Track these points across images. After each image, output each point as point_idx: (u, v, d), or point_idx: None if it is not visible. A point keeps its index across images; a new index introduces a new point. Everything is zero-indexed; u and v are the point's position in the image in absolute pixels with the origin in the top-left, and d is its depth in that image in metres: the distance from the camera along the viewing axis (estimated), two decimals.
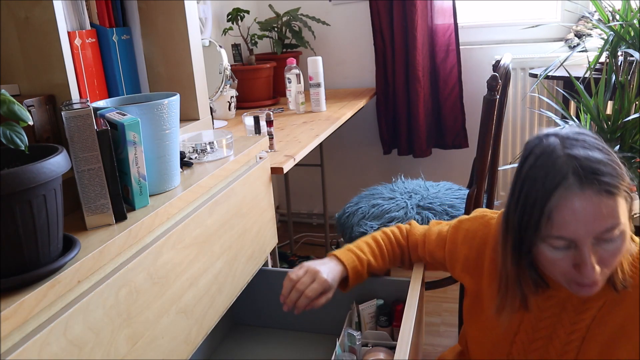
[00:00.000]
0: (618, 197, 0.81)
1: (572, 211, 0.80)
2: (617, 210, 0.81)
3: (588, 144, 0.83)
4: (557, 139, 0.85)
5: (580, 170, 0.80)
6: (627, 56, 1.87)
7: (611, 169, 0.81)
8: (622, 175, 0.82)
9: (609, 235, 0.81)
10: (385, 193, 1.93)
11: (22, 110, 0.69)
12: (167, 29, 1.28)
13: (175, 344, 0.93)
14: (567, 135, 0.85)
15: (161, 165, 0.97)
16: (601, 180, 0.79)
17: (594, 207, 0.79)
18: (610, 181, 0.80)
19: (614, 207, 0.80)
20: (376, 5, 2.57)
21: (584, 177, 0.80)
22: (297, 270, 1.11)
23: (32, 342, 0.63)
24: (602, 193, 0.79)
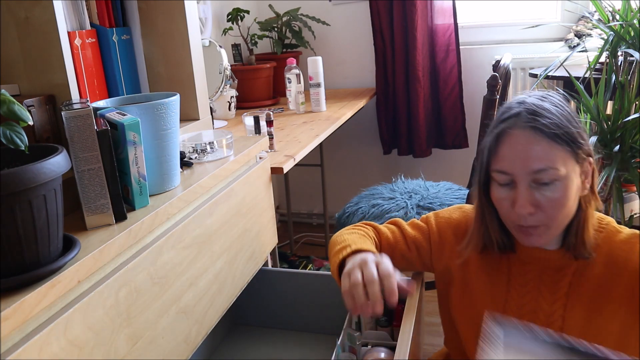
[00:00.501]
0: (558, 145, 0.88)
1: (510, 146, 0.89)
2: (554, 155, 0.88)
3: (544, 98, 0.93)
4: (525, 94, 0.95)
5: (526, 113, 0.90)
6: (627, 56, 1.87)
7: (557, 120, 0.89)
8: (572, 134, 0.89)
9: (543, 177, 0.88)
10: (385, 193, 1.93)
11: (22, 110, 0.69)
12: (167, 29, 1.28)
13: (175, 344, 0.93)
14: (532, 93, 0.95)
15: (161, 165, 0.97)
16: (541, 122, 0.88)
17: (530, 144, 0.88)
18: (550, 126, 0.88)
19: (550, 151, 0.88)
20: (376, 5, 2.57)
21: (527, 118, 0.89)
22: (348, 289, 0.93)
23: (32, 342, 0.63)
24: (539, 134, 0.88)
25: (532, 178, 0.89)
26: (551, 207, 0.90)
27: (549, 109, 0.90)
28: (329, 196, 2.81)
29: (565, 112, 0.92)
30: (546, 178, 0.88)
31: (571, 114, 0.92)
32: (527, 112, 0.90)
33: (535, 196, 0.89)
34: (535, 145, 0.88)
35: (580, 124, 0.92)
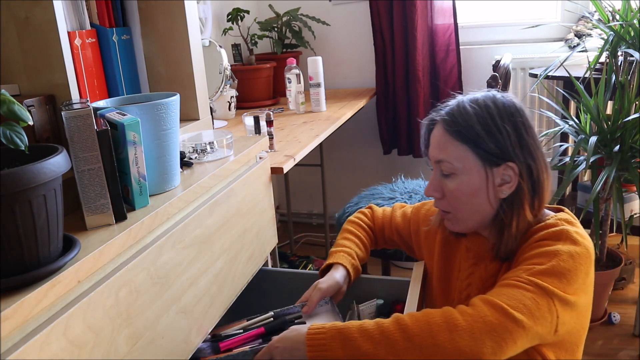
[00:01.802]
0: (458, 142, 0.96)
1: (432, 134, 1.02)
2: (452, 150, 0.97)
3: (477, 98, 0.99)
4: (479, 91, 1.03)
5: (445, 109, 1.01)
6: (627, 56, 1.87)
7: (467, 120, 0.96)
8: (479, 135, 0.95)
9: (442, 168, 0.99)
10: (385, 193, 1.93)
11: (22, 110, 0.69)
12: (167, 29, 1.28)
13: (175, 344, 0.93)
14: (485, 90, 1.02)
15: (161, 165, 0.97)
16: (449, 119, 0.98)
17: (437, 137, 1.00)
18: (455, 123, 0.97)
19: (449, 145, 0.97)
20: (376, 5, 2.57)
21: (442, 114, 1.00)
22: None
23: (32, 342, 0.63)
24: (446, 129, 0.98)
25: (438, 167, 1.00)
26: (451, 197, 1.00)
27: (466, 108, 0.97)
28: (329, 196, 2.80)
29: (484, 114, 0.96)
30: (445, 169, 0.99)
31: (491, 117, 0.96)
32: (448, 108, 1.00)
33: (441, 184, 1.01)
34: (440, 138, 0.99)
35: (502, 129, 0.95)
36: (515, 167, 0.96)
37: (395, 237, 1.30)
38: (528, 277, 0.89)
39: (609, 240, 2.04)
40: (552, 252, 0.91)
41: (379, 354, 0.87)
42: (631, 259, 2.26)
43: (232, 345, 1.17)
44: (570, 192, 2.43)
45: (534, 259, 0.92)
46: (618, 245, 2.33)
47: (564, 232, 0.94)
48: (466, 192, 0.98)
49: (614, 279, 2.05)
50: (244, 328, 1.18)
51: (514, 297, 0.87)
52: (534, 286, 0.88)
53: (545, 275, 0.89)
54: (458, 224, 1.03)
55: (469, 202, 0.99)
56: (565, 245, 0.92)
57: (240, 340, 1.18)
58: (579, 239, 0.93)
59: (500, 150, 0.95)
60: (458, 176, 0.98)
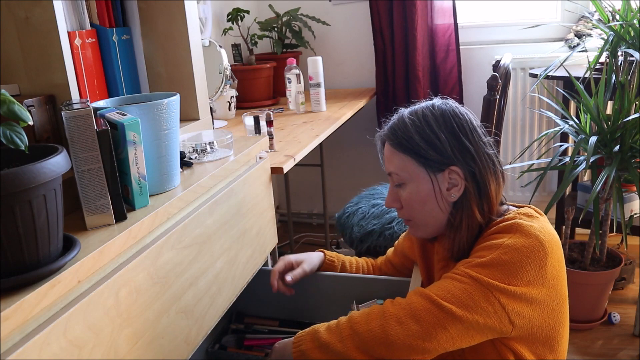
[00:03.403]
0: (401, 154, 1.02)
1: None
2: (396, 162, 1.03)
3: (416, 110, 1.04)
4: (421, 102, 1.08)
5: (390, 123, 1.07)
6: (627, 56, 1.87)
7: (406, 132, 1.02)
8: (418, 146, 1.00)
9: (394, 179, 1.05)
10: (385, 193, 1.93)
11: (22, 110, 0.69)
12: (167, 29, 1.28)
13: (175, 344, 0.93)
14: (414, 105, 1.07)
15: (161, 165, 0.97)
16: (389, 134, 1.05)
17: (384, 150, 1.07)
18: (394, 137, 1.03)
19: (393, 158, 1.04)
20: (376, 5, 2.57)
21: (384, 130, 1.08)
22: None
23: (32, 342, 0.63)
24: (389, 142, 1.05)
25: (391, 179, 1.07)
26: (407, 206, 1.05)
27: (405, 121, 1.03)
28: (329, 196, 2.80)
29: (422, 124, 1.01)
30: (395, 180, 1.05)
31: (428, 126, 1.01)
32: (390, 123, 1.07)
33: (397, 194, 1.06)
34: (387, 152, 1.06)
35: (440, 136, 1.00)
36: (459, 171, 0.99)
37: (390, 271, 1.33)
38: (464, 270, 0.93)
39: (609, 240, 2.04)
40: (495, 245, 0.93)
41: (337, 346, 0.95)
42: (631, 259, 2.26)
43: (254, 343, 1.23)
44: (570, 192, 2.43)
45: (477, 253, 0.96)
46: (618, 245, 2.33)
47: (515, 225, 0.95)
48: (417, 200, 1.03)
49: (614, 279, 2.05)
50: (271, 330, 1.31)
51: (444, 288, 0.92)
52: (468, 277, 0.92)
53: (482, 267, 0.92)
54: (419, 230, 1.08)
55: (422, 208, 1.03)
56: (512, 238, 0.93)
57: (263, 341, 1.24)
58: (531, 232, 0.93)
59: (441, 156, 0.99)
60: (408, 185, 1.03)
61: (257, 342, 1.28)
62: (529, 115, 2.58)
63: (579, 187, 2.28)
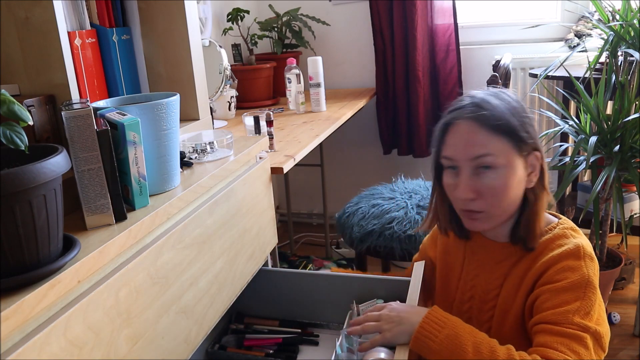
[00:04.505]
0: (497, 135, 0.95)
1: (454, 134, 0.98)
2: (492, 144, 0.95)
3: (493, 94, 0.99)
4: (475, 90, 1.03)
5: (471, 105, 0.98)
6: (627, 56, 1.87)
7: (499, 113, 0.95)
8: (514, 127, 0.95)
9: (482, 162, 0.95)
10: (385, 193, 1.93)
11: (22, 110, 0.69)
12: (167, 29, 1.28)
13: (175, 344, 0.93)
14: (485, 89, 1.02)
15: (161, 165, 0.97)
16: (482, 113, 0.95)
17: (470, 133, 0.96)
18: (490, 117, 0.95)
19: (489, 140, 0.95)
20: (376, 5, 2.57)
21: (470, 110, 0.97)
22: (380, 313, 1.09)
23: (32, 342, 0.63)
24: (479, 124, 0.95)
25: (474, 164, 0.97)
26: (491, 194, 0.97)
27: (493, 102, 0.97)
28: (329, 196, 2.80)
29: (511, 106, 0.98)
30: (486, 163, 0.96)
31: (517, 109, 0.98)
32: (472, 104, 0.98)
33: (476, 183, 0.97)
34: (476, 133, 0.96)
35: (527, 119, 0.98)
36: (540, 155, 0.99)
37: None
38: (580, 322, 0.91)
39: (609, 240, 2.04)
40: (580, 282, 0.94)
41: None
42: (631, 259, 2.26)
43: (254, 344, 1.24)
44: (570, 192, 2.43)
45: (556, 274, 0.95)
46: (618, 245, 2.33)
47: (580, 249, 0.97)
48: (507, 186, 0.96)
49: (614, 279, 2.05)
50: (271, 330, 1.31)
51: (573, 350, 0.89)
52: (586, 332, 0.91)
53: (588, 316, 0.92)
54: (489, 221, 1.00)
55: (508, 195, 0.97)
56: (589, 268, 0.95)
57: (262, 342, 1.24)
58: (593, 258, 0.97)
59: (532, 139, 0.98)
60: (500, 170, 0.96)
61: (257, 342, 1.28)
62: None
63: (579, 187, 2.28)
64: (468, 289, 1.10)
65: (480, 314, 1.07)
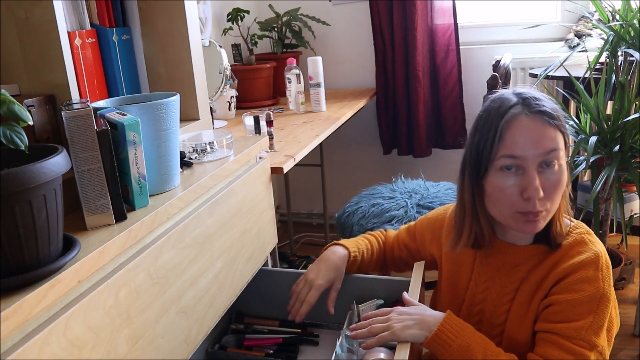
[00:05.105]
0: (557, 129, 0.93)
1: (521, 130, 0.92)
2: (558, 138, 0.93)
3: (535, 92, 0.96)
4: (510, 89, 0.99)
5: (527, 100, 0.93)
6: (627, 56, 1.87)
7: (552, 109, 0.94)
8: (563, 124, 0.95)
9: (551, 158, 0.92)
10: (385, 193, 1.93)
11: (22, 110, 0.69)
12: (167, 29, 1.28)
13: (175, 344, 0.93)
14: (512, 88, 0.99)
15: (161, 165, 0.97)
16: (544, 109, 0.92)
17: (539, 128, 0.92)
18: (552, 112, 0.93)
19: (555, 134, 0.92)
20: (376, 5, 2.57)
21: (530, 105, 0.93)
22: (297, 282, 1.24)
23: (32, 342, 0.63)
24: (544, 119, 0.92)
25: (542, 160, 0.92)
26: (554, 190, 0.93)
27: (544, 99, 0.95)
28: (329, 196, 2.80)
29: (557, 106, 0.97)
30: (556, 158, 0.92)
31: (559, 109, 0.97)
32: (532, 99, 0.93)
33: (542, 182, 0.92)
34: (545, 129, 0.92)
35: (563, 116, 0.97)
36: (567, 152, 0.98)
37: (404, 254, 1.29)
38: (591, 339, 0.93)
39: (609, 240, 2.04)
40: (594, 296, 0.94)
41: None
42: (631, 259, 2.26)
43: (254, 343, 1.24)
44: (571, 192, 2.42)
45: (573, 284, 0.95)
46: (618, 245, 2.33)
47: (598, 258, 0.96)
48: (564, 181, 0.95)
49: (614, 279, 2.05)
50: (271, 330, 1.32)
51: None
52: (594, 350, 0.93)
53: (599, 331, 0.93)
54: (546, 219, 0.96)
55: (561, 192, 0.96)
56: (605, 282, 0.95)
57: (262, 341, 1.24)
58: (609, 267, 0.97)
59: (569, 135, 0.98)
60: (561, 165, 0.94)
61: (257, 342, 1.28)
62: None
63: (579, 187, 2.28)
64: (480, 292, 1.08)
65: (493, 318, 1.06)
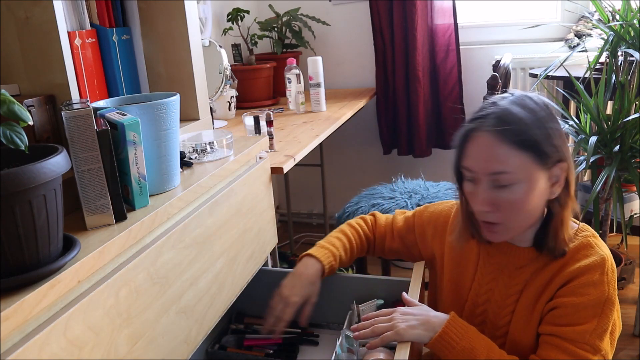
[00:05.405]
0: (519, 151, 0.91)
1: (474, 145, 0.94)
2: (513, 160, 0.91)
3: (518, 102, 0.94)
4: (506, 93, 0.98)
5: (493, 116, 0.93)
6: (627, 56, 1.87)
7: (523, 126, 0.91)
8: (538, 141, 0.91)
9: (501, 179, 0.92)
10: (385, 193, 1.93)
11: (22, 110, 0.69)
12: (167, 29, 1.28)
13: (175, 344, 0.93)
14: (514, 93, 0.97)
15: (161, 165, 0.97)
16: (504, 128, 0.91)
17: (490, 147, 0.92)
18: (512, 132, 0.91)
19: (508, 156, 0.91)
20: (376, 5, 2.57)
21: (492, 122, 0.92)
22: (273, 300, 1.19)
23: (32, 342, 0.63)
24: (500, 138, 0.91)
25: (491, 179, 0.93)
26: (509, 208, 0.94)
27: (517, 114, 0.92)
28: (329, 196, 2.81)
29: (537, 117, 0.93)
30: (504, 181, 0.92)
31: (544, 118, 0.94)
32: (495, 116, 0.93)
33: (494, 196, 0.94)
34: (496, 148, 0.92)
35: (554, 129, 0.94)
36: (566, 166, 0.95)
37: (397, 245, 1.27)
38: (595, 343, 0.93)
39: (609, 240, 2.04)
40: (598, 300, 0.94)
41: None
42: (631, 259, 2.26)
43: (254, 344, 1.24)
44: None
45: (578, 288, 0.95)
46: (618, 245, 2.33)
47: (604, 261, 0.96)
48: (527, 201, 0.93)
49: None
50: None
51: None
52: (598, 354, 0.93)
53: (603, 336, 0.94)
54: (507, 233, 0.99)
55: (527, 209, 0.95)
56: (610, 286, 0.95)
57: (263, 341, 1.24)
58: (614, 270, 0.97)
59: (557, 151, 0.94)
60: (519, 185, 0.92)
61: (257, 342, 1.28)
62: None
63: (579, 187, 2.28)
64: (483, 292, 1.07)
65: (497, 319, 1.05)
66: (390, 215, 1.32)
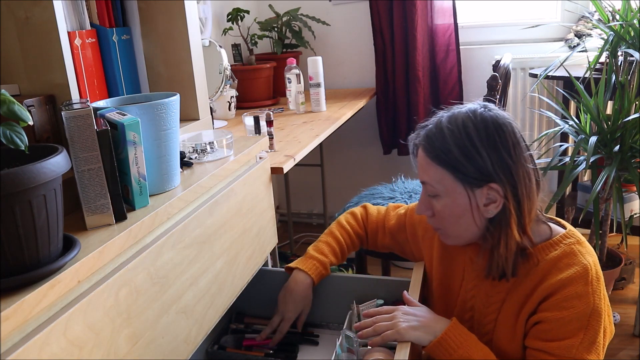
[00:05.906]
0: (437, 166, 0.97)
1: (418, 155, 1.03)
2: (433, 174, 0.98)
3: (455, 119, 0.98)
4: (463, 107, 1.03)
5: (424, 132, 1.01)
6: (627, 56, 1.87)
7: (444, 145, 0.96)
8: (456, 160, 0.95)
9: (427, 189, 1.01)
10: (385, 193, 1.93)
11: (22, 110, 0.69)
12: (167, 29, 1.28)
13: (175, 344, 0.93)
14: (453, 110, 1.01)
15: (161, 165, 0.97)
16: (428, 144, 0.99)
17: (420, 158, 1.02)
18: (434, 148, 0.97)
19: (429, 169, 0.99)
20: (376, 5, 2.57)
21: (421, 137, 1.01)
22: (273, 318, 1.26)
23: (32, 342, 0.63)
24: (425, 152, 1.00)
25: (424, 187, 1.03)
26: (439, 216, 1.02)
27: (442, 132, 0.97)
28: (329, 196, 2.81)
29: (460, 137, 0.95)
30: (429, 191, 1.01)
31: (470, 140, 0.94)
32: (426, 132, 1.01)
33: (429, 203, 1.03)
34: (422, 161, 1.01)
35: (481, 153, 0.94)
36: (499, 188, 0.94)
37: (388, 241, 1.29)
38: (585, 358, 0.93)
39: (609, 240, 2.04)
40: (582, 314, 0.93)
41: None
42: (631, 259, 2.26)
43: (254, 344, 1.24)
44: (570, 192, 2.43)
45: (560, 301, 0.94)
46: (618, 245, 2.33)
47: (585, 271, 0.95)
48: (452, 213, 0.99)
49: (614, 279, 2.05)
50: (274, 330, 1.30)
51: None
52: None
53: (591, 347, 0.93)
54: (450, 239, 1.06)
55: (456, 222, 1.00)
56: (595, 296, 0.94)
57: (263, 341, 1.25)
58: (600, 279, 0.96)
59: (480, 172, 0.94)
60: (442, 198, 0.99)
61: (257, 342, 1.28)
62: (529, 116, 2.58)
63: (579, 187, 2.28)
64: (468, 299, 1.08)
65: (481, 326, 1.06)
66: (382, 208, 1.34)
